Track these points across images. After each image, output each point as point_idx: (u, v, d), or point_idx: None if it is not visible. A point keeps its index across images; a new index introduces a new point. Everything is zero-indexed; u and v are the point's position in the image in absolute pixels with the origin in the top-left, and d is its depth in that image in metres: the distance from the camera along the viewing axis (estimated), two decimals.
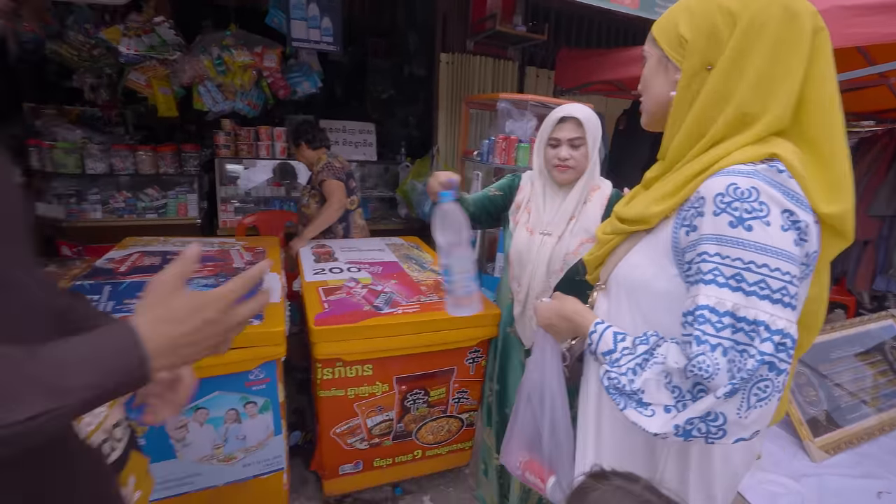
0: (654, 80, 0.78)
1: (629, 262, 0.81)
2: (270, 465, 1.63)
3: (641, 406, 0.71)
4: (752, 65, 0.67)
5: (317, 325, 1.51)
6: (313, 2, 3.17)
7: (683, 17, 0.71)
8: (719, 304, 0.64)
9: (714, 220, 0.65)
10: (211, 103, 3.18)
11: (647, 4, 2.83)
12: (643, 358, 0.73)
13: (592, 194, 1.48)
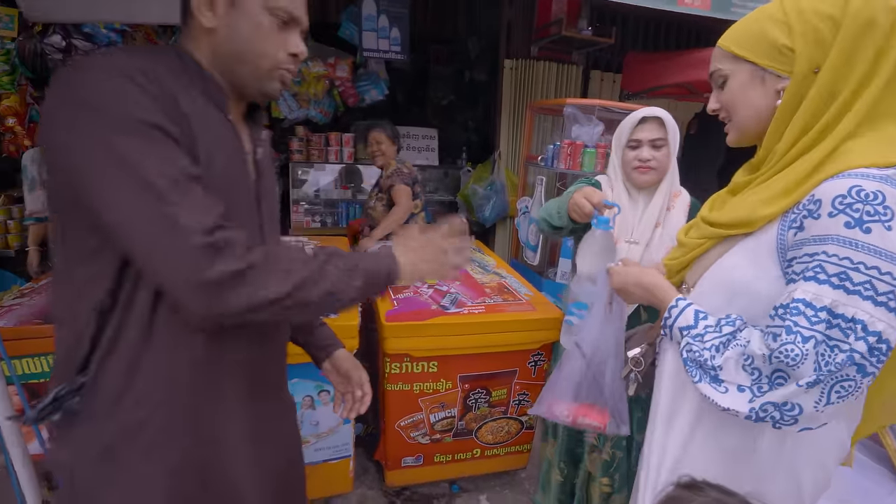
0: (750, 95, 0.77)
1: (726, 264, 0.80)
2: (339, 452, 1.73)
3: (715, 382, 0.73)
4: (861, 61, 0.68)
5: (388, 321, 1.59)
6: (383, 14, 3.31)
7: (778, 29, 0.72)
8: (816, 299, 0.64)
9: (828, 221, 0.65)
10: (287, 111, 3.41)
11: (721, 5, 2.71)
12: (727, 338, 0.74)
13: (675, 200, 1.43)
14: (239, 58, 0.74)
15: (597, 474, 1.53)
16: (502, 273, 2.17)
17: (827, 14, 0.68)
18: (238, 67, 0.75)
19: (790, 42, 0.71)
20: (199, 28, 0.73)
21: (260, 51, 0.74)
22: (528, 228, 2.76)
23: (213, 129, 0.72)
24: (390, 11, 3.32)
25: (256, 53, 0.75)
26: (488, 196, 3.44)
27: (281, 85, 0.80)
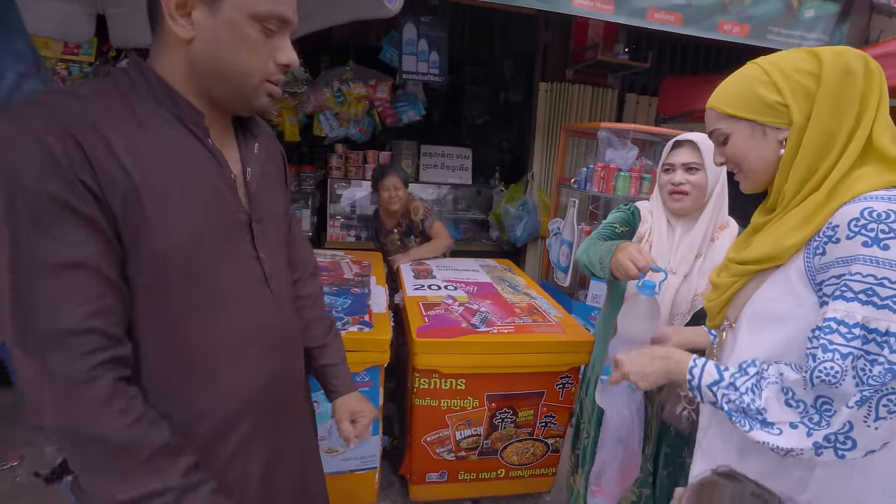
0: (755, 149, 0.84)
1: (764, 297, 0.83)
2: (365, 463, 1.77)
3: (766, 426, 0.75)
4: (848, 103, 0.75)
5: (419, 337, 1.63)
6: (423, 38, 3.43)
7: (767, 89, 0.80)
8: (848, 316, 0.68)
9: (847, 243, 0.70)
10: (328, 130, 3.56)
11: (759, 32, 2.69)
12: (756, 378, 0.78)
13: (721, 232, 1.37)
14: (221, 74, 0.67)
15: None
16: (532, 294, 2.18)
17: (806, 70, 0.78)
18: (220, 84, 0.68)
19: (782, 99, 0.79)
20: (172, 38, 0.65)
21: (246, 66, 0.67)
22: (559, 250, 2.76)
23: (176, 166, 0.65)
24: (430, 36, 3.44)
25: (242, 69, 0.67)
26: (520, 216, 3.47)
27: (270, 98, 0.72)
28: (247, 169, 0.77)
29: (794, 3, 2.73)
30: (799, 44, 2.81)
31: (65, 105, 0.59)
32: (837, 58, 0.76)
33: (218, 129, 0.74)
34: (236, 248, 0.74)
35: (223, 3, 0.63)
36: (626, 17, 2.43)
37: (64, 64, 2.73)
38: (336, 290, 1.94)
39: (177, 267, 0.66)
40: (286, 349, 0.86)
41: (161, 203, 0.63)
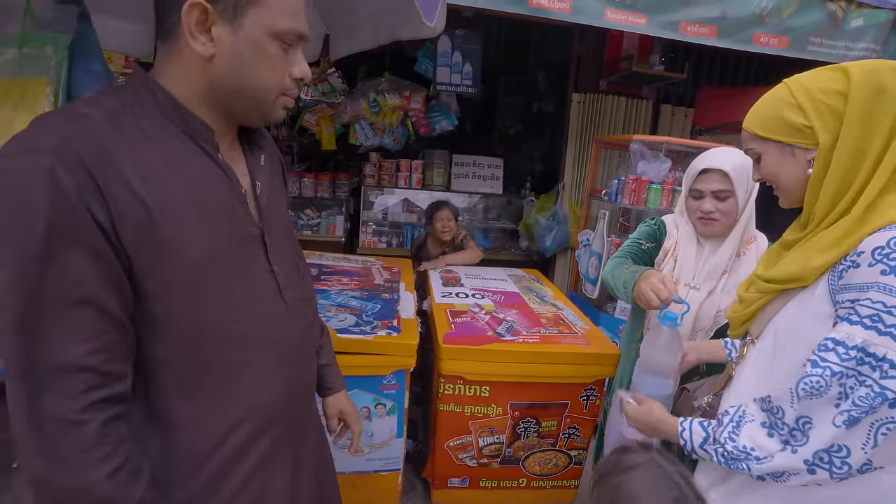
0: (785, 168, 0.86)
1: (789, 316, 0.84)
2: (389, 464, 1.81)
3: (759, 461, 0.78)
4: (879, 124, 0.75)
5: (445, 343, 1.67)
6: (457, 50, 3.51)
7: (792, 112, 0.81)
8: (848, 337, 0.71)
9: (867, 270, 0.71)
10: (363, 139, 3.67)
11: (799, 44, 2.62)
12: (735, 423, 0.83)
13: (748, 246, 1.36)
14: (242, 90, 0.68)
15: None
16: (559, 304, 2.19)
17: (833, 90, 0.77)
18: (239, 99, 0.69)
19: (806, 121, 0.80)
20: (189, 54, 0.64)
21: (266, 82, 0.68)
22: (587, 261, 2.75)
23: (188, 185, 0.65)
24: (464, 48, 3.51)
25: (262, 85, 0.68)
26: (550, 226, 3.47)
27: (284, 110, 0.74)
28: (256, 182, 0.77)
29: (839, 12, 2.64)
30: (843, 55, 2.70)
31: (77, 132, 0.57)
32: (867, 75, 0.75)
33: (226, 143, 0.74)
34: (250, 263, 0.74)
35: (245, 20, 0.64)
36: (658, 30, 2.41)
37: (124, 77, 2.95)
38: (366, 295, 2.01)
39: (194, 286, 0.66)
40: (301, 360, 0.86)
41: (176, 224, 0.63)
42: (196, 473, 0.70)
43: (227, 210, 0.71)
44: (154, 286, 0.63)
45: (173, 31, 0.64)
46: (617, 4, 2.31)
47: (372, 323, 1.73)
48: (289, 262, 0.85)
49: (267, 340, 0.77)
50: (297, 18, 0.68)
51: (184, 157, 0.66)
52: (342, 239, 3.75)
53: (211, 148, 0.69)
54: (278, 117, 0.74)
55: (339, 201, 3.88)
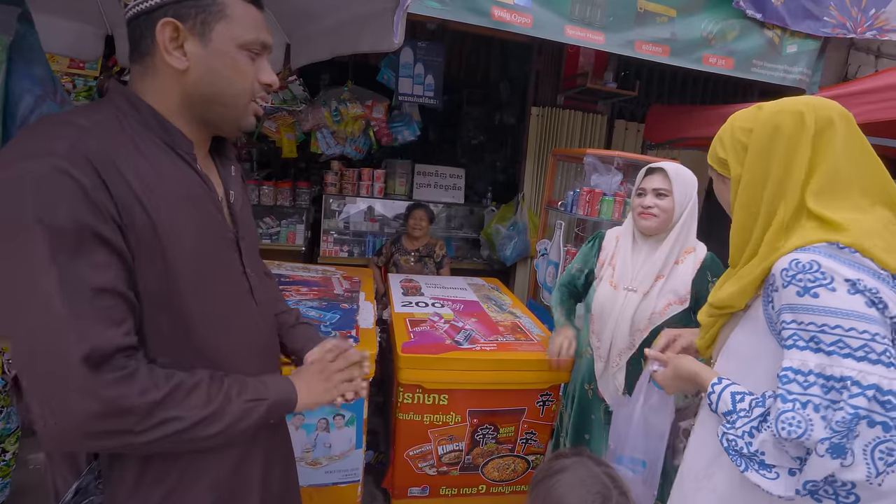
0: (722, 193, 0.98)
1: (736, 340, 0.92)
2: (348, 476, 1.79)
3: (764, 468, 0.76)
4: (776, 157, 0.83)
5: (403, 352, 1.68)
6: (420, 61, 3.56)
7: (718, 145, 0.93)
8: (802, 364, 0.72)
9: (784, 291, 0.76)
10: (325, 147, 3.65)
11: (743, 65, 2.83)
12: (759, 420, 0.79)
13: (685, 255, 1.47)
14: (216, 99, 0.73)
15: None
16: (517, 313, 2.24)
17: (744, 127, 0.88)
18: (215, 108, 0.74)
19: (724, 154, 0.91)
20: (165, 68, 0.69)
21: (238, 89, 0.73)
22: (545, 270, 2.83)
23: (175, 191, 0.69)
24: (426, 60, 3.56)
25: (235, 93, 0.73)
26: (510, 236, 3.55)
27: (255, 117, 0.79)
28: (229, 191, 0.84)
29: (776, 38, 2.87)
30: (783, 77, 2.93)
31: (81, 137, 0.61)
32: (771, 115, 0.84)
33: (202, 155, 0.80)
34: (229, 265, 0.81)
35: (213, 34, 0.70)
36: (616, 48, 2.54)
37: (69, 77, 2.82)
38: (325, 305, 1.99)
39: (186, 283, 0.70)
40: (271, 355, 0.93)
41: (170, 228, 0.67)
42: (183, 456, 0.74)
43: (208, 215, 0.76)
44: (150, 280, 0.67)
45: (148, 50, 0.69)
46: (576, 21, 2.41)
47: (330, 333, 1.73)
48: (258, 266, 0.92)
49: (245, 338, 0.83)
50: (259, 29, 0.74)
51: (168, 165, 0.70)
52: (302, 248, 3.70)
53: (190, 158, 0.74)
54: (249, 124, 0.79)
55: (299, 210, 3.83)
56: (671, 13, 2.60)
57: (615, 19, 2.49)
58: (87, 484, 0.69)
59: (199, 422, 0.67)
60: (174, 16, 0.67)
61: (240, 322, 0.82)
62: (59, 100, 1.32)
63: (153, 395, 0.63)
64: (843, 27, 2.91)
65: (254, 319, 0.86)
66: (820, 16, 2.87)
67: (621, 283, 1.51)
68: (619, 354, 1.50)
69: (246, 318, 0.84)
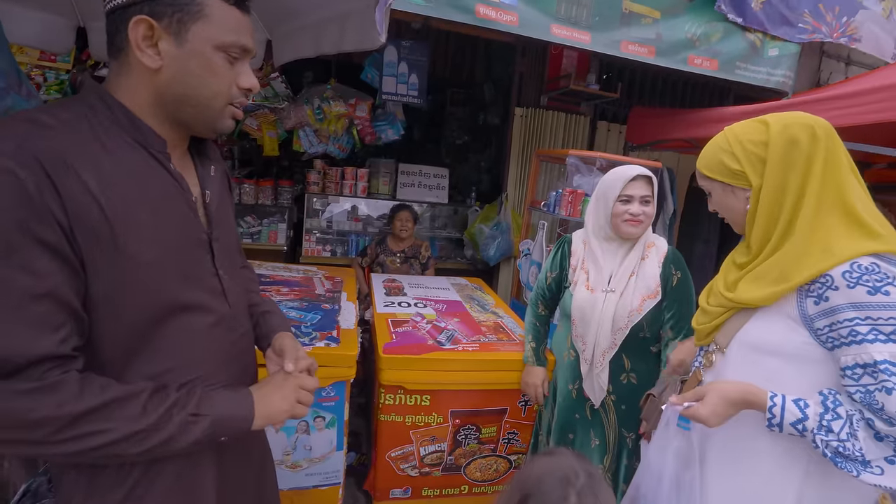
0: (728, 203, 1.02)
1: (756, 328, 0.97)
2: (329, 479, 1.77)
3: (869, 467, 0.82)
4: (795, 168, 0.90)
5: (385, 353, 1.67)
6: (403, 61, 3.54)
7: (727, 158, 0.97)
8: (892, 356, 0.79)
9: (850, 292, 0.83)
10: (307, 145, 3.61)
11: (728, 67, 2.88)
12: (848, 419, 0.84)
13: (649, 250, 1.54)
14: (189, 100, 0.71)
15: None
16: (500, 313, 2.24)
17: (757, 141, 0.94)
18: (186, 109, 0.72)
19: (739, 166, 0.95)
20: (138, 66, 0.68)
21: (211, 92, 0.72)
22: (528, 270, 2.85)
23: (143, 190, 0.68)
24: (410, 59, 3.55)
25: (209, 94, 0.72)
26: (494, 236, 3.56)
27: (232, 120, 0.77)
28: (206, 191, 0.81)
29: (758, 42, 2.93)
30: (766, 79, 3.00)
31: (33, 136, 0.60)
32: (784, 129, 0.91)
33: (178, 154, 0.78)
34: (199, 267, 0.78)
35: (189, 34, 0.68)
36: (602, 48, 2.55)
37: (40, 70, 2.73)
38: (306, 306, 1.97)
39: (146, 287, 0.68)
40: (243, 361, 0.89)
41: (131, 228, 0.66)
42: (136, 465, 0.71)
43: (178, 216, 0.74)
44: (106, 285, 0.65)
45: (123, 46, 0.67)
46: (562, 20, 2.42)
47: (311, 334, 1.70)
48: (234, 268, 0.89)
49: (213, 342, 0.80)
50: (240, 33, 0.72)
51: (139, 165, 0.69)
52: (284, 248, 3.65)
53: (163, 157, 0.72)
54: (226, 127, 0.77)
55: (281, 209, 3.78)
56: (655, 14, 2.64)
57: (601, 19, 2.50)
58: (37, 486, 0.67)
59: (130, 436, 0.64)
60: (149, 13, 0.65)
61: (208, 328, 0.79)
62: (24, 92, 1.28)
63: (72, 408, 0.60)
64: (820, 32, 2.99)
65: (225, 324, 0.83)
66: (795, 22, 2.94)
67: (598, 285, 1.53)
68: (602, 354, 1.52)
69: (215, 323, 0.81)
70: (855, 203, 0.88)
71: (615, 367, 1.54)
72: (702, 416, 0.94)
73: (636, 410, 1.44)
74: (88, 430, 0.62)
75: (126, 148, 0.68)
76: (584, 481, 0.76)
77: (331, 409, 1.69)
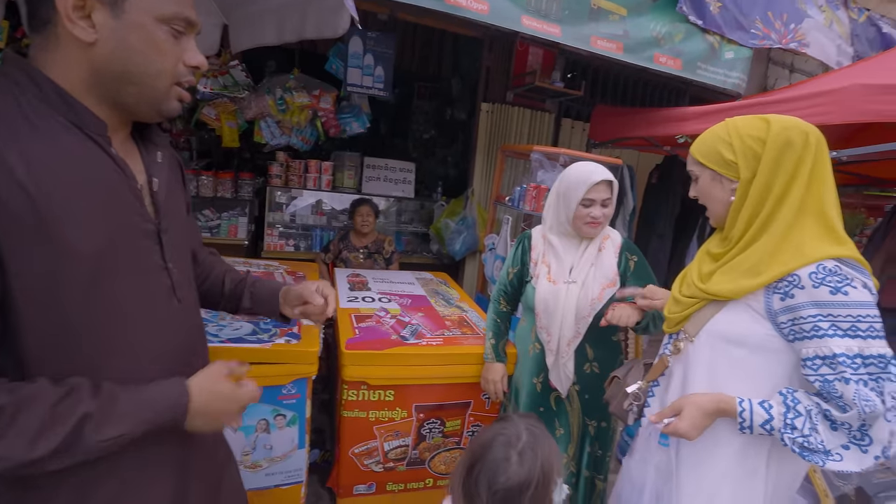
0: (713, 192, 1.05)
1: (724, 320, 1.02)
2: (291, 477, 1.74)
3: (831, 456, 0.89)
4: (784, 169, 0.94)
5: (347, 349, 1.64)
6: (369, 52, 3.48)
7: (724, 148, 1.00)
8: (848, 349, 0.86)
9: (814, 291, 0.89)
10: (269, 137, 3.50)
11: (690, 67, 2.97)
12: (806, 413, 0.92)
13: (605, 242, 1.60)
14: (130, 77, 0.65)
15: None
16: (464, 307, 2.25)
17: (756, 136, 0.97)
18: (128, 88, 0.66)
19: (734, 158, 0.99)
20: (68, 40, 0.62)
21: (155, 69, 0.66)
22: (493, 264, 2.87)
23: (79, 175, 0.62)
24: (376, 51, 3.49)
25: (151, 72, 0.66)
26: (459, 230, 3.56)
27: (179, 102, 0.72)
28: (153, 179, 0.76)
29: (716, 44, 3.04)
30: (724, 80, 3.11)
31: None
32: (783, 130, 0.95)
33: (119, 137, 0.72)
34: (144, 259, 0.74)
35: (126, 4, 0.62)
36: (572, 41, 2.56)
37: None
38: None
39: (79, 280, 0.64)
40: (192, 358, 0.85)
41: (66, 217, 0.61)
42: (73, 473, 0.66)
43: (120, 205, 0.68)
44: (32, 277, 0.60)
45: (49, 19, 0.61)
46: (532, 12, 2.42)
47: (270, 331, 1.66)
48: (185, 261, 0.85)
49: (158, 339, 0.76)
50: (182, 3, 0.67)
51: (74, 148, 0.63)
52: (245, 242, 3.54)
53: (103, 140, 0.66)
54: (173, 109, 0.72)
55: (242, 202, 3.66)
56: (622, 12, 2.68)
57: (570, 13, 2.51)
58: None
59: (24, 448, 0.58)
60: None
61: (150, 322, 0.75)
62: None
63: None
64: (769, 38, 3.13)
65: (172, 320, 0.79)
66: (748, 27, 3.07)
67: (560, 277, 1.58)
68: (567, 344, 1.56)
69: (160, 318, 0.77)
70: (830, 211, 0.94)
71: (579, 357, 1.59)
72: (682, 431, 0.99)
73: (599, 399, 1.48)
74: None
75: (59, 130, 0.62)
76: (525, 440, 0.84)
77: (292, 407, 1.65)
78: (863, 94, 1.83)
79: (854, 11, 3.58)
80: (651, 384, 1.23)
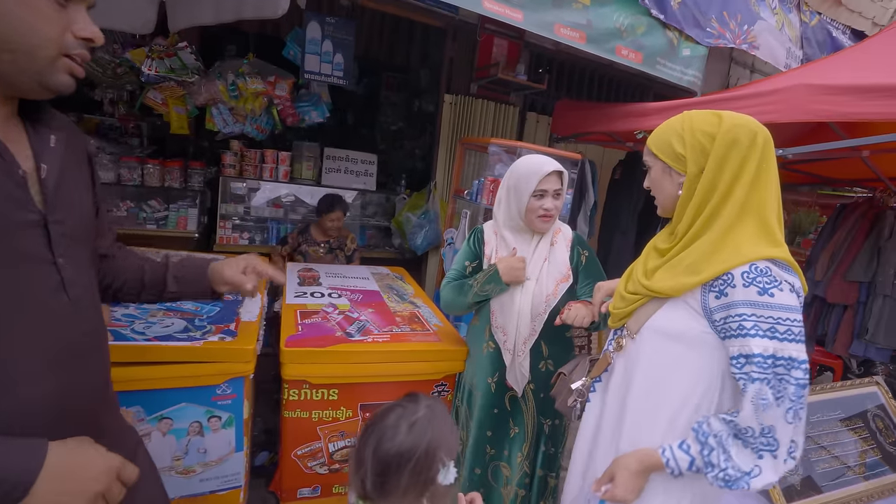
0: (663, 183, 1.05)
1: (663, 317, 1.03)
2: (228, 482, 1.65)
3: (751, 475, 0.89)
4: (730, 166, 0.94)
5: (287, 347, 1.57)
6: (328, 39, 3.36)
7: (676, 140, 0.99)
8: (765, 350, 0.87)
9: (744, 290, 0.90)
10: (222, 125, 3.33)
11: (650, 61, 2.98)
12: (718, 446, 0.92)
13: (556, 236, 1.56)
14: (4, 45, 0.60)
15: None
16: (418, 302, 2.20)
17: (707, 132, 0.96)
18: (3, 56, 0.61)
19: (683, 151, 0.98)
20: None
21: (36, 35, 0.61)
22: (452, 259, 2.82)
23: None
24: (335, 37, 3.37)
25: (32, 40, 0.61)
26: (421, 224, 3.50)
27: (71, 77, 0.67)
28: (41, 165, 0.70)
29: (675, 40, 3.06)
30: (680, 77, 3.13)
31: None
32: (732, 127, 0.94)
33: (1, 117, 0.66)
34: (23, 251, 0.67)
35: None
36: (534, 27, 2.49)
37: None
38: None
39: None
40: (87, 359, 0.78)
41: None
42: None
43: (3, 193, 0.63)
44: None
45: None
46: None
47: (204, 328, 1.56)
48: (83, 257, 0.79)
49: (41, 338, 0.69)
50: None
51: None
52: (196, 235, 3.38)
53: None
54: (61, 83, 0.66)
55: (192, 192, 3.48)
56: (585, 1, 2.65)
57: None
58: None
59: None
60: None
61: (32, 322, 0.68)
62: None
63: None
64: (724, 38, 3.17)
65: (59, 318, 0.72)
66: (704, 26, 3.10)
67: None
68: (524, 343, 1.53)
69: (45, 317, 0.70)
70: (770, 213, 0.95)
71: (534, 355, 1.56)
72: (620, 496, 1.01)
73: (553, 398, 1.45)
74: None
75: None
76: (421, 415, 0.86)
77: (227, 408, 1.56)
78: (807, 94, 1.86)
79: (806, 15, 3.68)
80: (594, 381, 1.21)
